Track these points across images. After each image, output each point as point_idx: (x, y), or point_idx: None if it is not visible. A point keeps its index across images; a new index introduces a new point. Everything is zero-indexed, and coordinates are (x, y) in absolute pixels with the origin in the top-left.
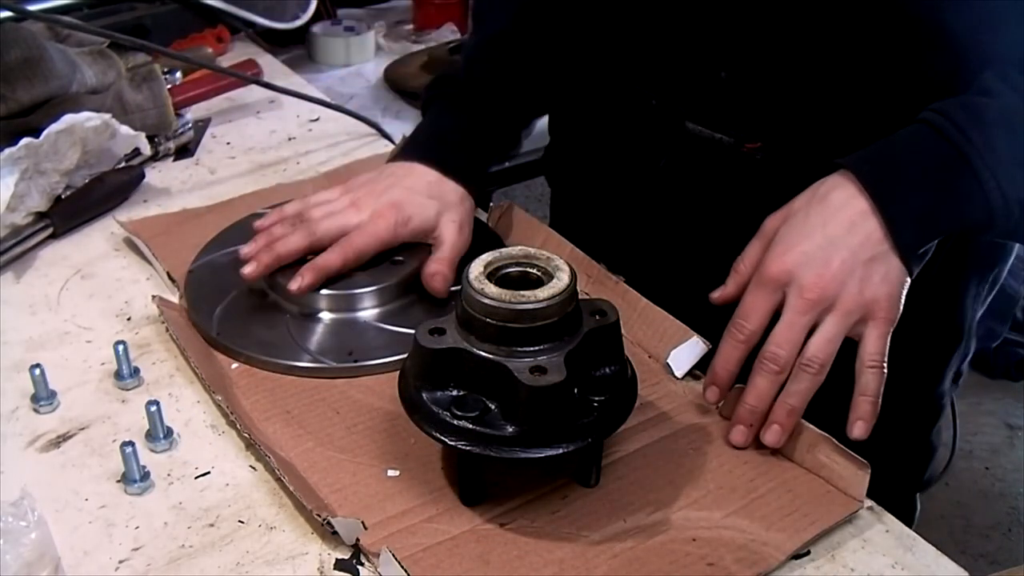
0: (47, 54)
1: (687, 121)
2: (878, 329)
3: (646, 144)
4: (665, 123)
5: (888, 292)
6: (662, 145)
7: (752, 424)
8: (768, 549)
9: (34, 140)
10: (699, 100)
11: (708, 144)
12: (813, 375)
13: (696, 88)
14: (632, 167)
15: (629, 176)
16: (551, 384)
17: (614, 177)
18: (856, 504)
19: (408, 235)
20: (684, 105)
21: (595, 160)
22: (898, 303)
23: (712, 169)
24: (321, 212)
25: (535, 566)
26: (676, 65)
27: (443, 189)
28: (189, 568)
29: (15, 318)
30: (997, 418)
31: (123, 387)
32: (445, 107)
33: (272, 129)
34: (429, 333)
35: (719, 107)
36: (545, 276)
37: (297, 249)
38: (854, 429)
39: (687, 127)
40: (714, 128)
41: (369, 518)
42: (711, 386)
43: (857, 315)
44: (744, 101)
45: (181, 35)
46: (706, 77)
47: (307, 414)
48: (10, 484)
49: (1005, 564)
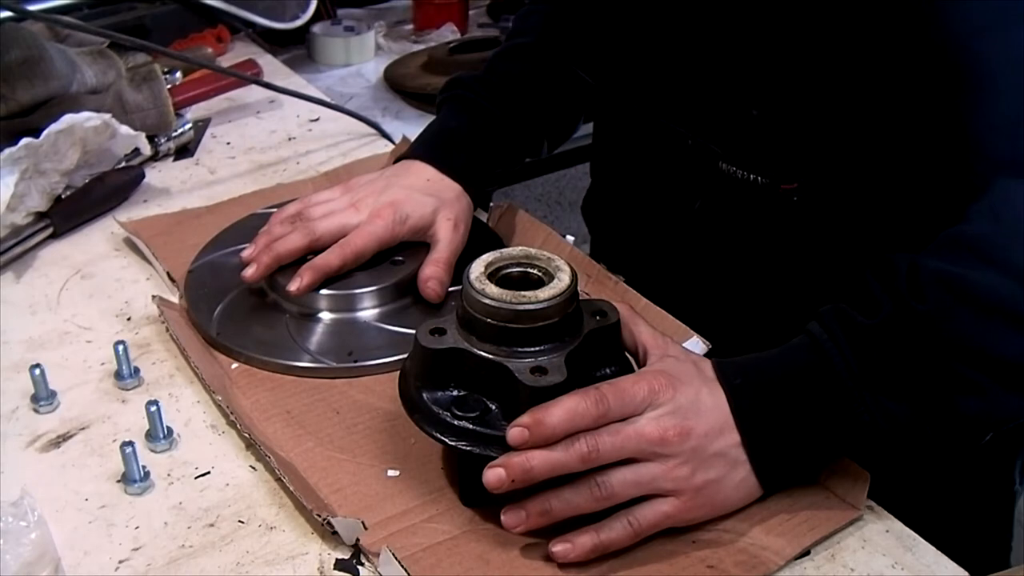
0: (47, 54)
1: (721, 162)
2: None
3: (681, 186)
4: (699, 164)
5: (718, 502)
6: (697, 187)
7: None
8: (767, 553)
9: (34, 140)
10: (732, 139)
11: (743, 185)
12: (597, 499)
13: (728, 127)
14: (668, 209)
15: (665, 218)
16: (552, 384)
17: (651, 219)
18: (855, 512)
19: (406, 233)
20: (718, 144)
21: (633, 203)
22: (713, 514)
23: (747, 210)
24: (320, 212)
25: (535, 566)
26: (708, 103)
27: (440, 187)
28: (189, 568)
29: (15, 318)
30: None
31: (123, 387)
32: (454, 108)
33: (272, 129)
34: (429, 333)
35: (752, 146)
36: (546, 276)
37: (296, 248)
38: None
39: (721, 168)
40: (748, 169)
41: (369, 518)
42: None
43: (670, 486)
44: (777, 140)
45: (181, 35)
46: (738, 115)
47: (307, 414)
48: (10, 484)
49: None
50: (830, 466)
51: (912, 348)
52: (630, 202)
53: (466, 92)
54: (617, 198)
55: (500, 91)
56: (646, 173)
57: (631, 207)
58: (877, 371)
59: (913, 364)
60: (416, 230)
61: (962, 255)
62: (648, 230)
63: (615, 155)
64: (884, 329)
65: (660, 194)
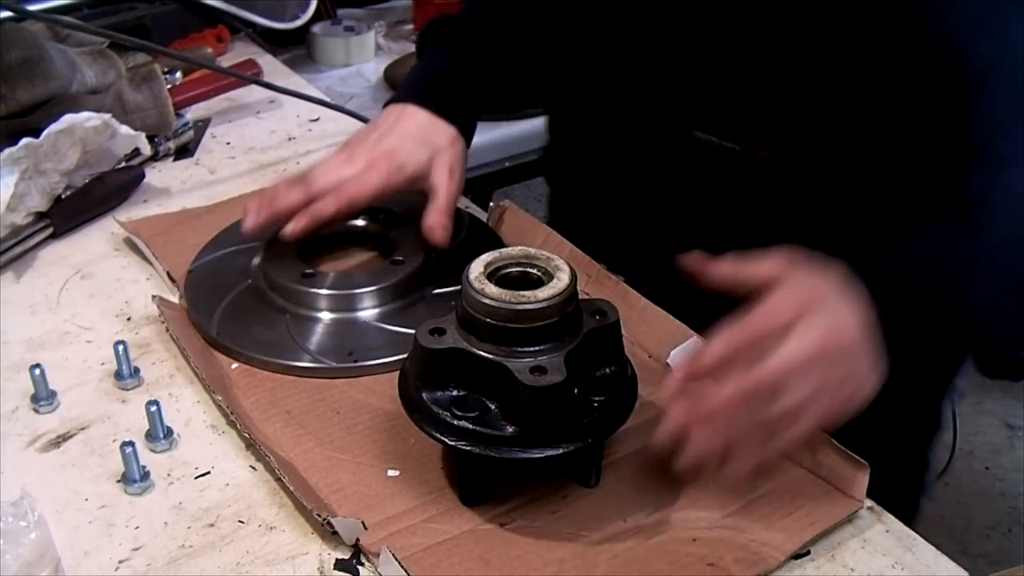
0: (47, 54)
1: (696, 130)
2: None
3: (654, 151)
4: (674, 132)
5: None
6: (670, 153)
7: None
8: (768, 549)
9: (34, 140)
10: (707, 110)
11: (717, 152)
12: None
13: (704, 98)
14: (639, 173)
15: (636, 182)
16: (551, 384)
17: (620, 181)
18: (856, 504)
19: (403, 183)
20: (692, 114)
21: (600, 164)
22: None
23: (721, 176)
24: (319, 170)
25: (535, 566)
26: (683, 76)
27: (434, 132)
28: (189, 568)
29: (15, 318)
30: (997, 418)
31: (123, 387)
32: (437, 49)
33: (272, 129)
34: (429, 333)
35: (727, 116)
36: (545, 276)
37: (294, 203)
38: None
39: (696, 136)
40: (723, 137)
41: (369, 518)
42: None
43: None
44: (752, 110)
45: (181, 35)
46: (714, 87)
47: (307, 414)
48: (10, 484)
49: (1005, 564)
50: (830, 456)
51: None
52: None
53: (451, 34)
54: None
55: (481, 32)
56: (615, 137)
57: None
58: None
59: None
60: (413, 179)
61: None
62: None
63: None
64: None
65: (631, 158)
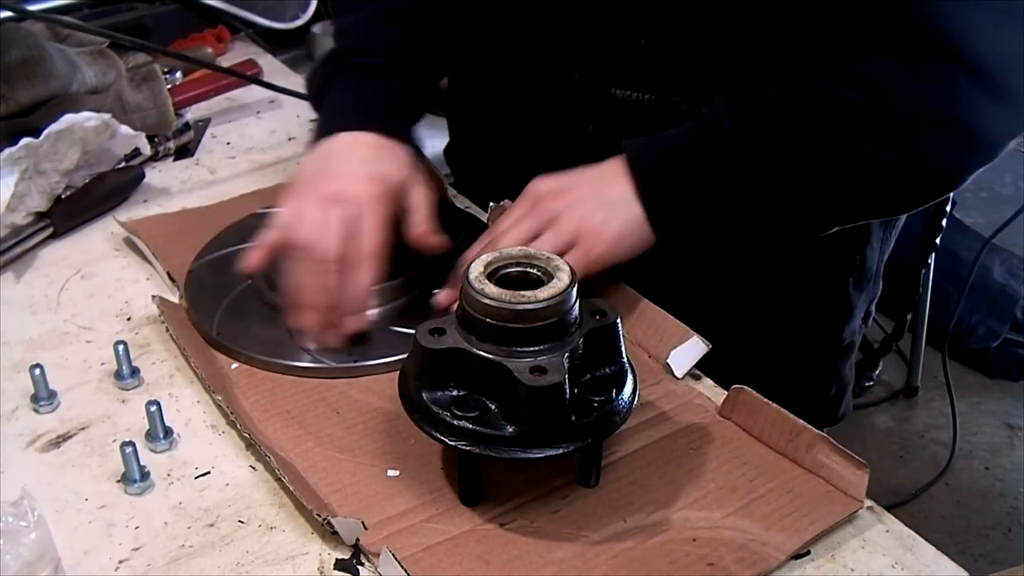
0: (47, 54)
1: (612, 88)
2: (578, 253)
3: (571, 114)
4: (590, 92)
5: (611, 234)
6: (588, 112)
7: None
8: (768, 549)
9: (34, 140)
10: (622, 68)
11: (635, 106)
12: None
13: (617, 57)
14: (558, 137)
15: (556, 145)
16: (551, 384)
17: (539, 148)
18: (856, 504)
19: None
20: (607, 74)
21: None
22: (613, 248)
23: (640, 126)
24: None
25: (535, 566)
26: (595, 38)
27: (396, 153)
28: (189, 568)
29: (15, 318)
30: (997, 418)
31: (123, 387)
32: (356, 79)
33: (272, 129)
34: (429, 333)
35: (642, 72)
36: (545, 276)
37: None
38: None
39: (612, 93)
40: (640, 90)
41: (369, 518)
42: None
43: (568, 236)
44: (665, 64)
45: (181, 35)
46: (626, 46)
47: (307, 414)
48: (10, 484)
49: (1005, 564)
50: (829, 456)
51: (780, 123)
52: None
53: (361, 60)
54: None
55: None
56: (526, 106)
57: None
58: (749, 134)
59: (780, 135)
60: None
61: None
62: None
63: (485, 91)
64: (761, 106)
65: (548, 124)
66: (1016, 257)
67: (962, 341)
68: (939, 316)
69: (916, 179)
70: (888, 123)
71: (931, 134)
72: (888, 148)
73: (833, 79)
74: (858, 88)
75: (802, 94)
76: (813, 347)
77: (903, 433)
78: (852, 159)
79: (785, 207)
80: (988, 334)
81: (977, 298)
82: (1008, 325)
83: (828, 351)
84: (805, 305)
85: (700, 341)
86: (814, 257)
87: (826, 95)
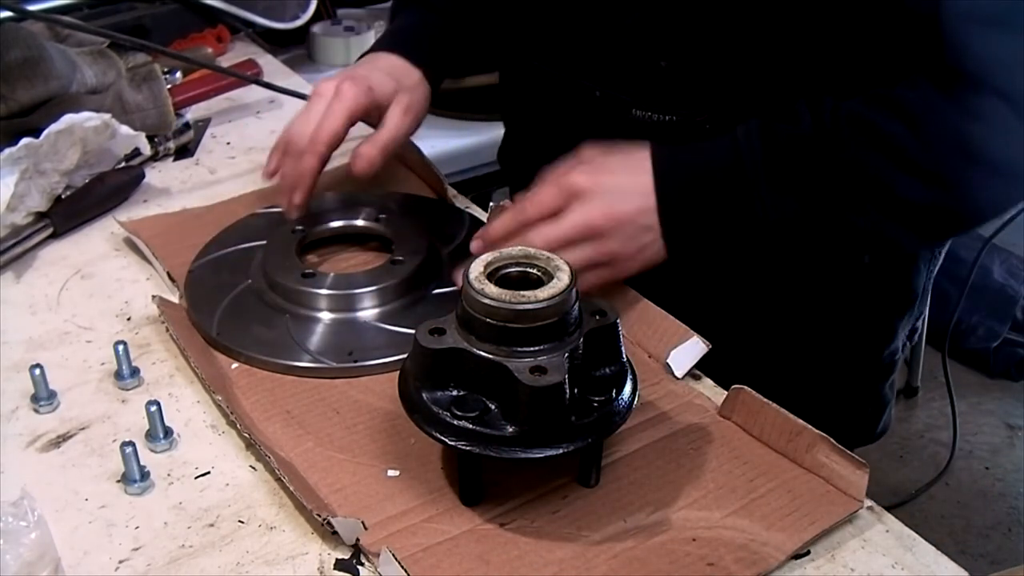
0: (47, 54)
1: (633, 109)
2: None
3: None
4: (611, 112)
5: (640, 263)
6: (610, 132)
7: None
8: (768, 549)
9: (34, 140)
10: (642, 89)
11: (657, 126)
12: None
13: (638, 79)
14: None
15: None
16: (551, 384)
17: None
18: (856, 504)
19: (370, 104)
20: (628, 95)
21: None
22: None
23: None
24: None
25: (535, 566)
26: (616, 58)
27: (404, 72)
28: (189, 568)
29: (15, 318)
30: (997, 418)
31: (123, 387)
32: (413, 10)
33: (272, 129)
34: (429, 333)
35: (662, 93)
36: (545, 276)
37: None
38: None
39: (633, 114)
40: (661, 111)
41: (369, 518)
42: (478, 239)
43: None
44: (686, 85)
45: (181, 35)
46: (647, 68)
47: (307, 414)
48: (10, 484)
49: (1005, 564)
50: (829, 456)
51: (815, 160)
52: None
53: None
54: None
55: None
56: (557, 123)
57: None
58: (779, 170)
59: (812, 173)
60: (378, 104)
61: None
62: None
63: (524, 106)
64: (796, 139)
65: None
66: (1016, 257)
67: (962, 341)
68: (939, 316)
69: (954, 217)
70: (931, 161)
71: (976, 173)
72: (930, 187)
73: (873, 107)
74: (901, 119)
75: (842, 127)
76: (852, 368)
77: (903, 433)
78: (889, 198)
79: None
80: (988, 334)
81: (977, 298)
82: (1008, 325)
83: (867, 372)
84: (845, 332)
85: (700, 341)
86: (858, 287)
87: (867, 128)
